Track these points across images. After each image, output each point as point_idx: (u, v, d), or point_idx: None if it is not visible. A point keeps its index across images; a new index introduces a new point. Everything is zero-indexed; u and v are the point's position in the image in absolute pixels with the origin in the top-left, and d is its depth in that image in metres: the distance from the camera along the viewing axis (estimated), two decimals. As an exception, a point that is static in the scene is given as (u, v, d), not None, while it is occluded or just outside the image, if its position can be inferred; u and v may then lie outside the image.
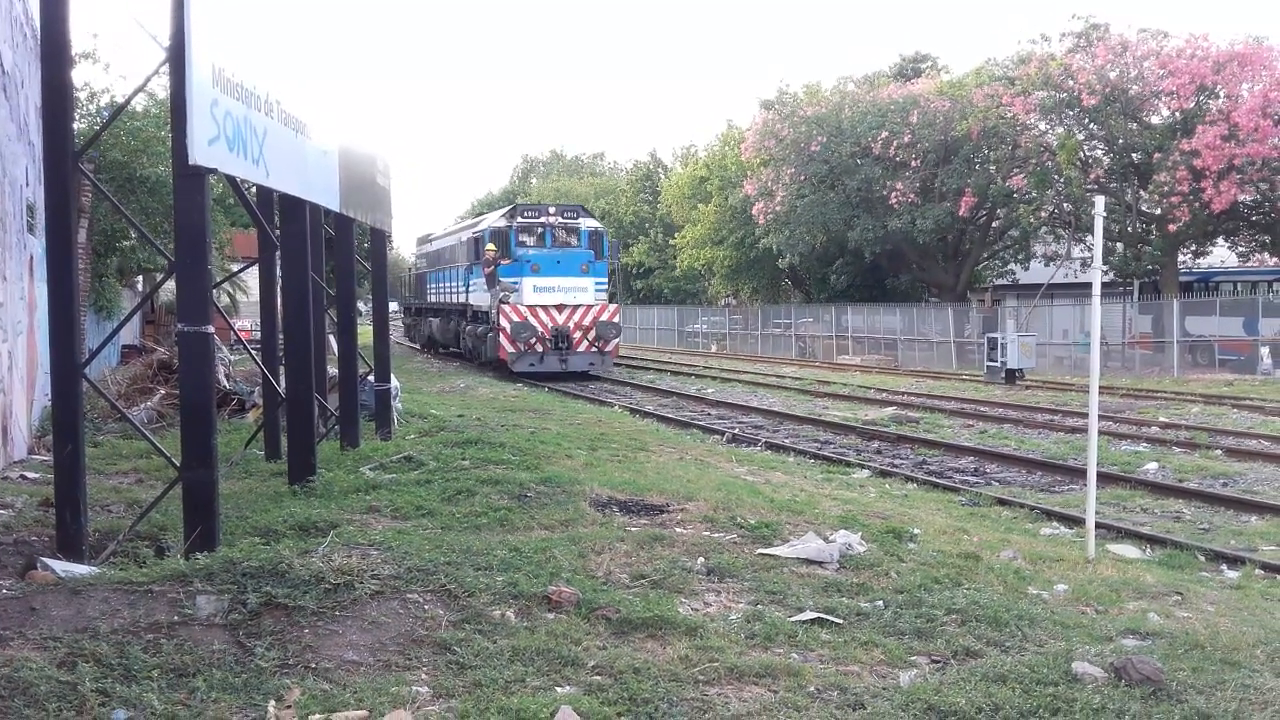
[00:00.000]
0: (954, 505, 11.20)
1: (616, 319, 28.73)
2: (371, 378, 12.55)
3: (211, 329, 6.32)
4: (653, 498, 8.75)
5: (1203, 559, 8.99)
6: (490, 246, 28.10)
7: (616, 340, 28.86)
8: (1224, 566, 8.77)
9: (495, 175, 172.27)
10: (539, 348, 27.21)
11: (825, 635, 5.47)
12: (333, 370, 12.22)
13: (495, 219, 30.50)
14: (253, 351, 11.01)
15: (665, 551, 6.95)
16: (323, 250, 11.35)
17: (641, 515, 8.19)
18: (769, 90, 70.99)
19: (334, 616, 5.12)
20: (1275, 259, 32.50)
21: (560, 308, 27.63)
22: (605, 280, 29.20)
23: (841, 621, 5.70)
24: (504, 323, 27.15)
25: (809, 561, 6.92)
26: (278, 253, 9.50)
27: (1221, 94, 30.87)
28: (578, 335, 27.70)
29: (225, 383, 13.76)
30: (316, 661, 4.67)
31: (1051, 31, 36.67)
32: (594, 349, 27.86)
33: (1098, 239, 8.40)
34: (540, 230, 28.87)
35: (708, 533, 7.62)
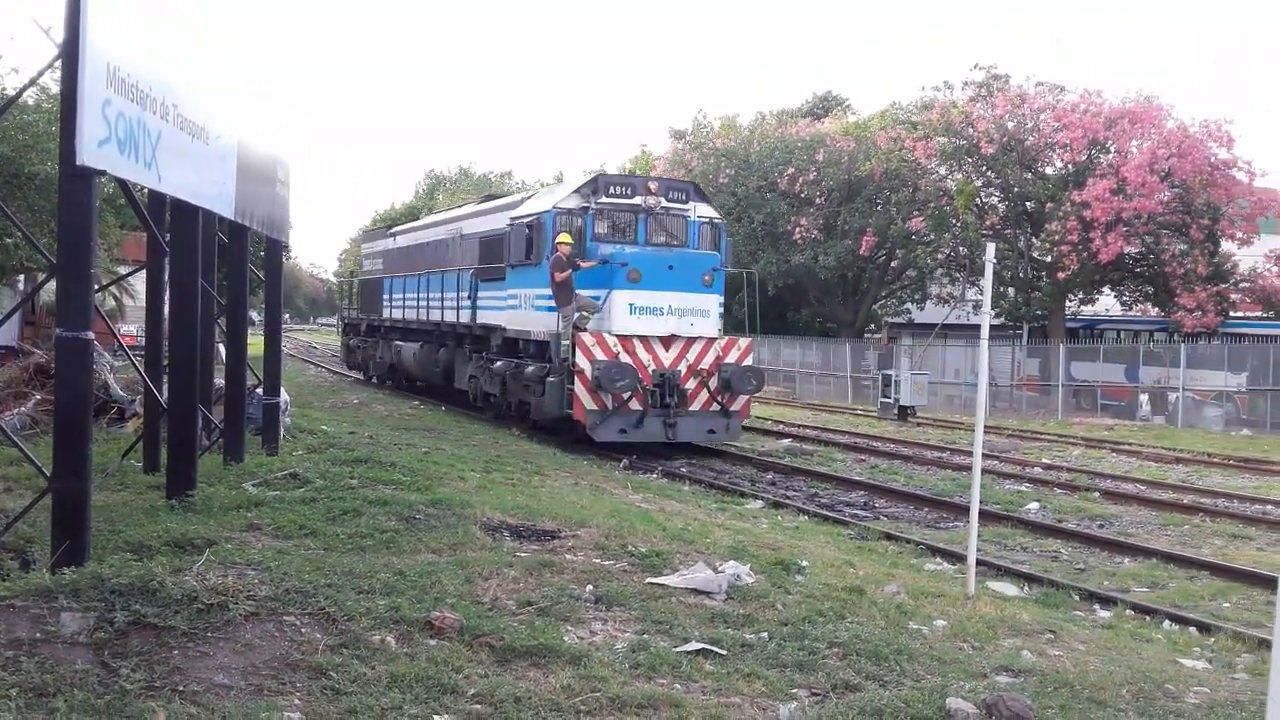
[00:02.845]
0: (843, 538, 11.36)
1: (750, 360, 18.37)
2: (260, 390, 12.24)
3: (91, 335, 6.08)
4: (545, 523, 8.68)
5: (1077, 598, 9.27)
6: (565, 239, 17.53)
7: (750, 394, 18.59)
8: (1097, 606, 9.05)
9: (399, 190, 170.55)
10: (636, 404, 17.11)
11: (709, 666, 5.48)
12: (220, 381, 11.89)
13: (558, 195, 19.32)
14: (135, 359, 10.64)
15: (554, 578, 6.89)
16: (215, 257, 11.05)
17: (532, 540, 8.12)
18: (684, 119, 71.79)
19: (206, 638, 4.95)
20: (1157, 310, 33.88)
21: (670, 341, 17.61)
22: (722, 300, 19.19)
23: (726, 653, 5.71)
24: (582, 362, 16.81)
25: (698, 591, 6.93)
26: (167, 258, 9.22)
27: (1112, 149, 32.21)
28: (693, 385, 17.68)
29: (113, 388, 13.28)
30: (185, 684, 4.50)
31: (955, 79, 37.75)
32: (716, 406, 17.85)
33: (988, 284, 8.65)
34: (634, 217, 18.71)
35: (598, 560, 7.59)
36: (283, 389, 12.71)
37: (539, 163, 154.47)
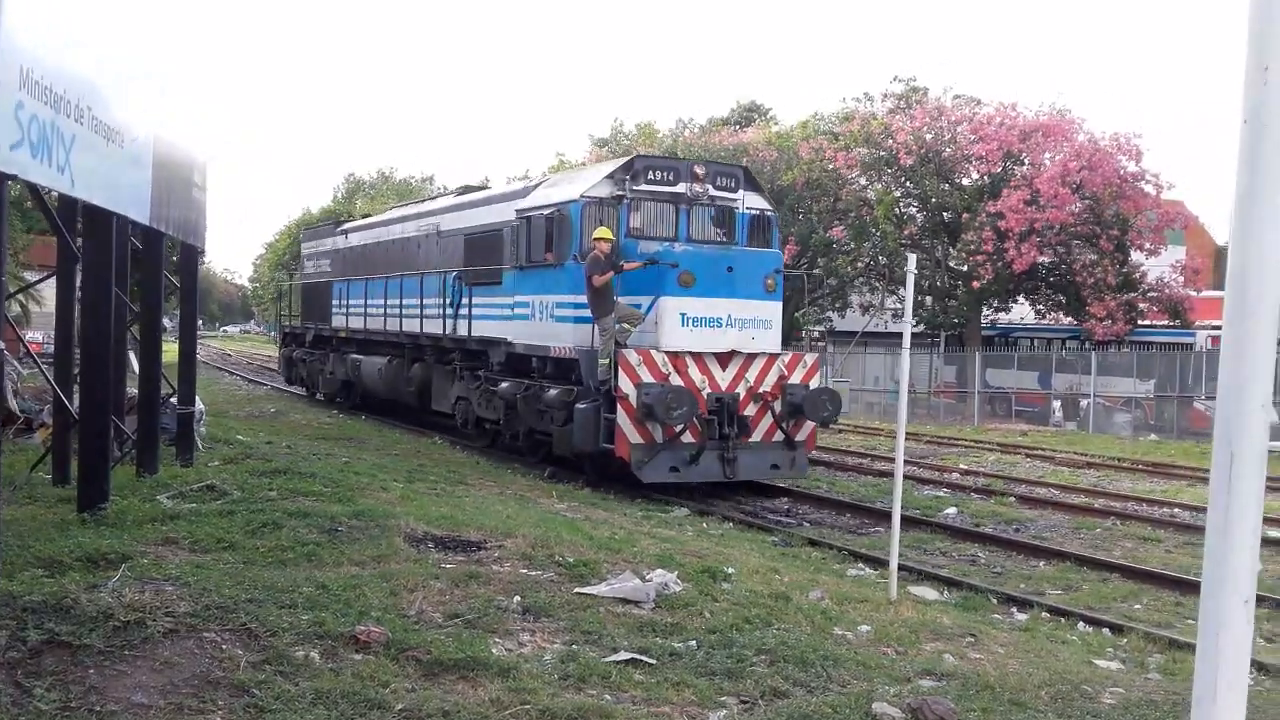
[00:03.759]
0: (767, 545, 11.45)
1: (817, 379, 15.37)
2: (174, 400, 11.95)
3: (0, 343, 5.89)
4: (470, 533, 8.60)
5: (995, 601, 9.46)
6: (605, 235, 14.32)
7: (825, 422, 15.93)
8: (1014, 609, 9.24)
9: (316, 193, 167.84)
10: (689, 436, 14.08)
11: (639, 676, 5.47)
12: (133, 390, 11.58)
13: (586, 182, 15.72)
14: (44, 367, 10.31)
15: (481, 589, 6.83)
16: (128, 263, 10.77)
17: (458, 551, 8.04)
18: (603, 126, 71.89)
19: (123, 656, 4.81)
20: (1069, 318, 34.81)
21: (728, 358, 14.54)
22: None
23: (655, 662, 5.71)
24: (626, 385, 13.81)
25: (626, 601, 6.93)
26: (78, 264, 8.95)
27: (1026, 161, 33.04)
28: (753, 411, 14.67)
29: (12, 401, 12.84)
30: (102, 704, 4.37)
31: (875, 91, 38.35)
32: (779, 435, 14.87)
33: (909, 294, 8.79)
34: (675, 208, 15.56)
35: (525, 570, 7.54)
36: (198, 398, 12.42)
37: (461, 168, 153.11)
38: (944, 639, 7.00)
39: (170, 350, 12.70)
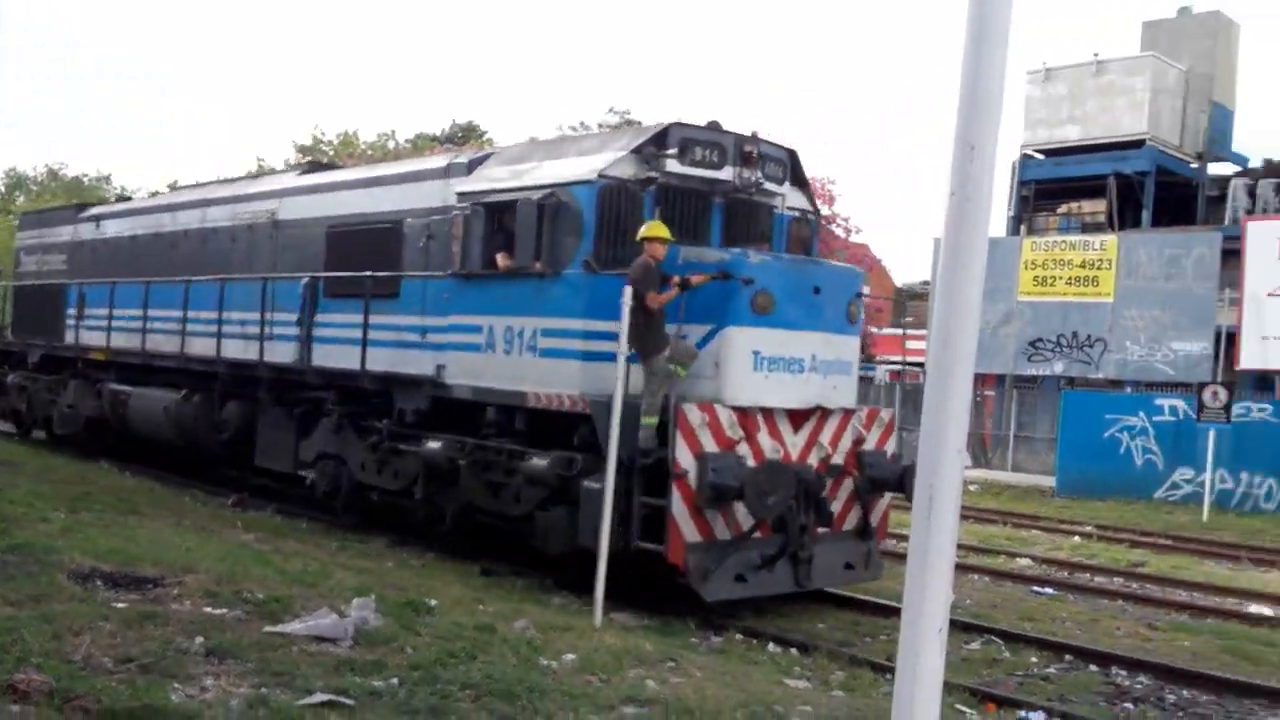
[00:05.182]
0: (471, 575, 11.26)
1: (892, 442, 11.43)
2: None
3: None
4: (145, 569, 7.95)
5: (693, 625, 9.74)
6: (661, 232, 9.88)
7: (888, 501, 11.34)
8: (710, 633, 9.56)
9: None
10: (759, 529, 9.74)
11: (335, 719, 5.20)
12: None
13: (603, 157, 10.80)
14: None
15: (158, 630, 6.33)
16: None
17: (131, 589, 7.40)
18: (305, 132, 69.46)
19: None
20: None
21: (803, 418, 10.41)
22: None
23: (353, 703, 5.47)
24: (685, 458, 9.41)
25: (321, 639, 6.60)
26: None
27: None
28: (833, 489, 10.55)
29: None
30: None
31: (591, 120, 39.04)
32: (852, 521, 10.77)
33: (624, 321, 8.92)
34: (709, 200, 11.32)
35: (209, 608, 7.05)
36: None
37: (148, 169, 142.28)
38: (646, 665, 7.12)
39: None
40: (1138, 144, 29.88)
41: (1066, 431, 23.76)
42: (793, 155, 11.86)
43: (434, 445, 11.67)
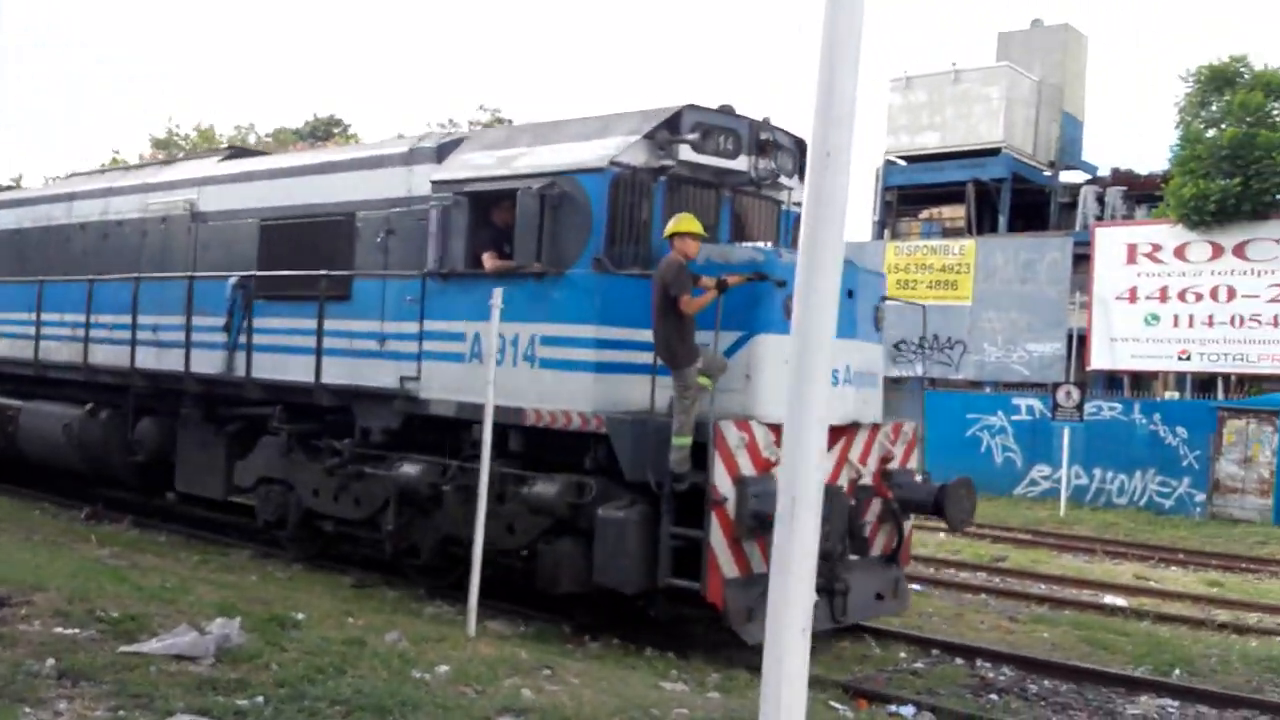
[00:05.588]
0: (341, 587, 11.01)
1: (915, 459, 10.61)
2: None
3: None
4: (-10, 589, 7.54)
5: (569, 630, 9.71)
6: (692, 225, 8.78)
7: (956, 528, 10.71)
8: (588, 638, 9.54)
9: None
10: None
11: (198, 741, 5.03)
12: None
13: (610, 143, 9.49)
14: None
15: (6, 653, 6.09)
16: None
17: (-25, 611, 7.00)
18: (160, 125, 67.06)
19: None
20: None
21: (836, 435, 9.27)
22: None
23: (217, 724, 5.29)
24: (723, 483, 8.40)
25: (182, 657, 6.39)
26: None
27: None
28: (863, 510, 9.64)
29: None
30: None
31: (461, 118, 38.59)
32: (883, 549, 10.01)
33: (494, 330, 8.85)
34: (717, 192, 10.33)
35: (61, 629, 6.77)
36: None
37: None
38: (522, 673, 7.07)
39: None
40: (994, 152, 31.03)
41: (931, 431, 24.43)
42: (802, 145, 10.36)
43: (409, 469, 10.27)
